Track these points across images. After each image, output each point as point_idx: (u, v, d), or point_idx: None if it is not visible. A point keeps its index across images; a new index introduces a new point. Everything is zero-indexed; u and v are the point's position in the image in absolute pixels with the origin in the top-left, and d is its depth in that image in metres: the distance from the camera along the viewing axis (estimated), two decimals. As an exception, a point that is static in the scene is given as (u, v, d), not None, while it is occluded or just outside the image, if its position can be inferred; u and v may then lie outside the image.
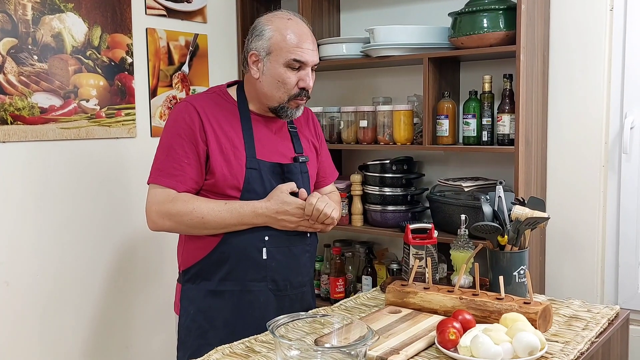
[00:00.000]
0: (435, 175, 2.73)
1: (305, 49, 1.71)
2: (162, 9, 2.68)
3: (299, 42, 1.70)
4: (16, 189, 2.24)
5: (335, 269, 2.80)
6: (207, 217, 1.67)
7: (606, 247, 2.40)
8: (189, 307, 1.78)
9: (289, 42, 1.70)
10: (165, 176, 1.70)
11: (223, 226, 1.69)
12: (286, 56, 1.70)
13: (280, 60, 1.70)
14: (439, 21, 2.60)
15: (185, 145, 1.70)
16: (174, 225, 1.70)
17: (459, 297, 1.60)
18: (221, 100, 1.80)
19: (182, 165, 1.69)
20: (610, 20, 2.34)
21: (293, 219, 1.70)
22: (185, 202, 1.68)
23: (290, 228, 1.73)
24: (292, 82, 1.72)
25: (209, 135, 1.70)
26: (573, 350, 1.40)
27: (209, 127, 1.71)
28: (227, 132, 1.73)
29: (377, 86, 2.91)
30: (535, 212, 1.71)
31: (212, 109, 1.75)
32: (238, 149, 1.72)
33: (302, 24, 1.75)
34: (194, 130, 1.70)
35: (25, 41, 2.22)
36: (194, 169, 1.70)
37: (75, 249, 2.42)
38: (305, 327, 1.46)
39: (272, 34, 1.71)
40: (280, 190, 1.69)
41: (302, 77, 1.72)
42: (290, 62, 1.70)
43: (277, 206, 1.67)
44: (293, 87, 1.73)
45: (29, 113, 2.24)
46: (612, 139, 2.36)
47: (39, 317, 2.32)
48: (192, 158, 1.70)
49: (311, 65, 1.74)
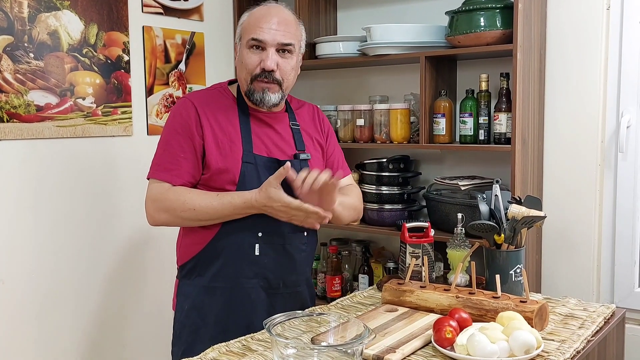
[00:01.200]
0: (432, 174, 2.74)
1: (265, 28, 1.68)
2: (159, 6, 2.67)
3: (259, 22, 1.69)
4: (12, 187, 2.23)
5: (331, 268, 2.80)
6: (198, 208, 1.67)
7: (602, 246, 2.41)
8: (184, 302, 1.79)
9: (250, 23, 1.71)
10: (161, 170, 1.71)
11: (216, 217, 1.69)
12: (247, 36, 1.71)
13: (244, 43, 1.72)
14: (436, 20, 2.60)
15: (182, 140, 1.70)
16: (170, 217, 1.70)
17: (455, 296, 1.60)
18: (221, 96, 1.80)
19: (179, 159, 1.70)
20: (606, 19, 2.34)
21: (281, 215, 1.65)
22: (177, 195, 1.68)
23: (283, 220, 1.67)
24: (252, 62, 1.70)
25: (205, 130, 1.71)
26: (569, 349, 1.40)
27: (205, 121, 1.72)
28: (224, 127, 1.73)
29: (374, 85, 2.91)
30: (531, 210, 1.71)
31: (211, 104, 1.76)
32: (235, 144, 1.72)
33: (276, 9, 1.73)
34: (190, 124, 1.71)
35: (21, 39, 2.21)
36: (190, 163, 1.70)
37: (71, 247, 2.41)
38: (302, 326, 1.46)
39: (244, 19, 1.74)
40: (269, 183, 1.62)
41: (263, 57, 1.70)
42: (250, 42, 1.70)
43: (264, 200, 1.63)
44: (254, 68, 1.70)
45: (25, 111, 2.24)
46: (608, 137, 2.37)
47: (35, 315, 2.31)
48: (189, 152, 1.70)
49: (273, 46, 1.70)
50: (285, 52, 1.73)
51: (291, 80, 1.78)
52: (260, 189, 1.63)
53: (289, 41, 1.72)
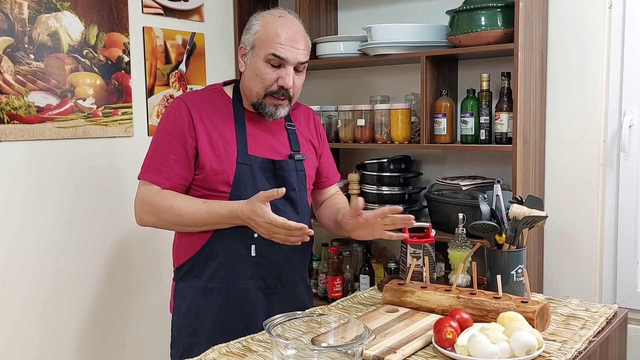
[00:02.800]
0: (433, 174, 2.73)
1: (287, 46, 1.68)
2: (159, 7, 2.67)
3: (281, 39, 1.68)
4: (13, 189, 2.23)
5: (332, 268, 2.79)
6: (185, 215, 1.67)
7: (604, 246, 2.40)
8: (182, 304, 1.78)
9: (271, 38, 1.68)
10: (151, 172, 1.71)
11: (202, 224, 1.69)
12: (266, 51, 1.68)
13: (261, 55, 1.69)
14: (437, 19, 2.59)
15: (173, 141, 1.70)
16: (157, 221, 1.71)
17: (456, 296, 1.59)
18: (216, 97, 1.79)
19: (169, 161, 1.70)
20: (608, 18, 2.33)
21: (262, 231, 1.63)
22: (165, 199, 1.68)
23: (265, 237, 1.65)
24: (270, 78, 1.69)
25: (198, 131, 1.70)
26: (571, 350, 1.39)
27: (199, 122, 1.71)
28: (219, 127, 1.73)
29: (374, 85, 2.90)
30: (533, 210, 1.71)
31: (205, 105, 1.75)
32: (229, 145, 1.72)
33: (292, 22, 1.72)
34: (183, 126, 1.70)
35: (22, 40, 2.21)
36: (180, 165, 1.70)
37: (73, 248, 2.41)
38: (302, 327, 1.45)
39: (258, 29, 1.72)
40: (258, 197, 1.60)
41: (282, 75, 1.69)
42: (270, 58, 1.68)
43: (249, 213, 1.62)
44: (271, 84, 1.70)
45: (26, 112, 2.24)
46: (610, 137, 2.36)
47: (36, 316, 2.31)
48: (180, 154, 1.70)
49: (293, 64, 1.69)
50: (299, 70, 1.74)
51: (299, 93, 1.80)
52: (248, 202, 1.63)
53: (307, 59, 1.74)
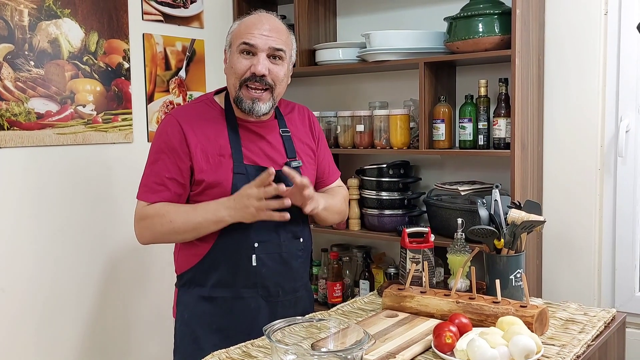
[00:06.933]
0: (431, 179, 2.74)
1: (256, 34, 1.69)
2: (159, 14, 2.68)
3: (250, 28, 1.70)
4: (12, 195, 2.23)
5: (332, 274, 2.80)
6: (175, 219, 1.68)
7: (603, 250, 2.41)
8: (184, 311, 1.79)
9: (243, 30, 1.71)
10: (148, 192, 1.73)
11: (192, 225, 1.68)
12: (238, 42, 1.71)
13: (235, 49, 1.72)
14: (435, 26, 2.60)
15: (167, 159, 1.71)
16: (152, 235, 1.72)
17: (455, 301, 1.60)
18: (207, 108, 1.79)
19: (164, 180, 1.71)
20: (604, 24, 2.35)
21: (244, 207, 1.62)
22: (156, 210, 1.70)
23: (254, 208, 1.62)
24: (242, 66, 1.70)
25: (192, 147, 1.70)
26: (569, 354, 1.40)
27: (192, 137, 1.71)
28: (212, 140, 1.73)
29: (373, 91, 2.92)
30: (531, 215, 1.71)
31: (197, 118, 1.75)
32: (224, 156, 1.72)
33: (267, 17, 1.74)
34: (175, 144, 1.71)
35: (22, 47, 2.22)
36: (175, 184, 1.72)
37: (72, 254, 2.41)
38: (302, 332, 1.46)
39: (234, 28, 1.75)
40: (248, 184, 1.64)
41: (254, 62, 1.69)
42: (242, 47, 1.70)
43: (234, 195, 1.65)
44: (244, 72, 1.70)
45: (26, 119, 2.24)
46: (607, 142, 2.37)
47: (35, 323, 2.31)
48: (174, 172, 1.71)
49: (264, 51, 1.69)
50: (276, 59, 1.72)
51: (282, 87, 1.77)
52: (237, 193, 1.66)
53: (281, 46, 1.72)
